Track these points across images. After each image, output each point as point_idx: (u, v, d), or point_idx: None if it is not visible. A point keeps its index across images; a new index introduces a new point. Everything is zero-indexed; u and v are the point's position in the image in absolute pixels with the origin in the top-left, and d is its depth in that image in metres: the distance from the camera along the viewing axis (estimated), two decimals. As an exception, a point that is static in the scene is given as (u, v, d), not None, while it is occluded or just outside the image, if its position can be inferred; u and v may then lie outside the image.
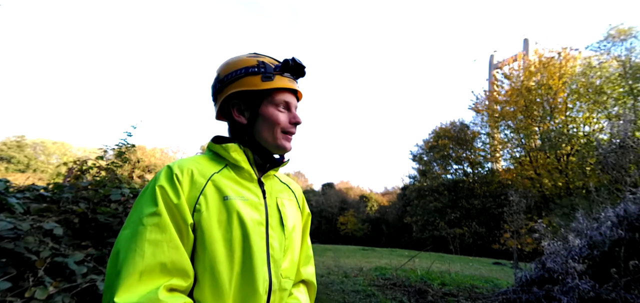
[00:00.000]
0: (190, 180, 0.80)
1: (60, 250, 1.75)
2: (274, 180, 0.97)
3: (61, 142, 30.26)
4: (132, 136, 3.05)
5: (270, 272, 0.83)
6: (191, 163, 0.84)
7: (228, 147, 0.87)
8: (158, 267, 0.71)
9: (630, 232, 3.48)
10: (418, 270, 7.35)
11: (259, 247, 0.82)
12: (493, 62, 32.21)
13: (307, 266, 1.03)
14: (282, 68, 0.89)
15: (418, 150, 28.03)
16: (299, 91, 0.94)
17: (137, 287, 0.68)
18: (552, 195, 16.82)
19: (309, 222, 1.08)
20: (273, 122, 0.88)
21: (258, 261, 0.81)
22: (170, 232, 0.74)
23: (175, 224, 0.76)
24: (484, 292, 5.29)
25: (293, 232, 0.93)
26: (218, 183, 0.83)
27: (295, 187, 1.06)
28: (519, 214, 6.03)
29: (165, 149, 33.94)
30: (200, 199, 0.79)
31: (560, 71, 17.85)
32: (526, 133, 19.89)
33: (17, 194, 2.00)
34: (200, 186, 0.80)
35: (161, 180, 0.79)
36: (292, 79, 0.91)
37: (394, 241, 25.63)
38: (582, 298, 3.38)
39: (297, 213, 0.99)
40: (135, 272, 0.69)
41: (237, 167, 0.88)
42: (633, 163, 4.57)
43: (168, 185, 0.78)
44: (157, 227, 0.73)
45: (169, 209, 0.76)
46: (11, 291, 1.52)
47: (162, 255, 0.72)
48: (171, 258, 0.72)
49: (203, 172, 0.83)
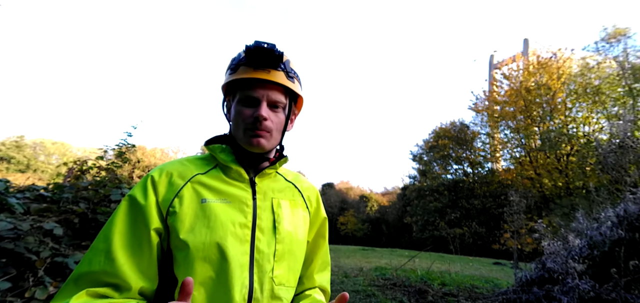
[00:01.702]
0: (167, 182, 0.79)
1: (60, 250, 1.75)
2: (275, 180, 0.90)
3: (61, 142, 30.26)
4: (132, 136, 3.05)
5: (252, 278, 0.77)
6: (174, 165, 0.83)
7: (214, 147, 0.85)
8: (90, 276, 0.69)
9: (630, 232, 3.48)
10: (418, 270, 7.35)
11: (237, 251, 0.76)
12: (493, 62, 32.21)
13: (323, 273, 0.97)
14: (246, 57, 0.79)
15: (418, 150, 28.07)
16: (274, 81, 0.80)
17: (70, 291, 0.68)
18: (552, 195, 16.83)
19: (325, 226, 0.99)
20: (237, 119, 0.82)
21: (235, 266, 0.74)
22: (111, 243, 0.71)
23: (133, 231, 0.73)
24: (484, 292, 5.29)
25: (291, 235, 0.85)
26: (199, 185, 0.80)
27: (306, 186, 0.97)
28: (519, 214, 6.03)
29: (165, 149, 33.97)
30: (174, 201, 0.76)
31: (559, 71, 17.87)
32: (526, 133, 19.91)
33: (17, 194, 2.00)
34: (177, 188, 0.78)
35: (135, 188, 0.78)
36: (261, 69, 0.80)
37: (394, 241, 25.64)
38: (582, 298, 3.38)
39: (302, 215, 0.90)
40: (72, 278, 0.70)
41: (225, 167, 0.84)
42: (633, 163, 4.57)
43: (140, 189, 0.77)
44: (104, 236, 0.73)
45: (131, 214, 0.75)
46: (11, 291, 1.52)
47: (97, 265, 0.70)
48: (104, 269, 0.69)
49: (184, 173, 0.81)
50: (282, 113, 0.85)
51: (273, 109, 0.82)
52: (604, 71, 15.93)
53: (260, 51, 0.78)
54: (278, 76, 0.81)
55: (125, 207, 0.76)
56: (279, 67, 0.81)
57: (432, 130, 28.79)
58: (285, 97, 0.84)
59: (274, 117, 0.82)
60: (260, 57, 0.78)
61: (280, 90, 0.82)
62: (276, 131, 0.84)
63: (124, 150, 2.99)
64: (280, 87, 0.82)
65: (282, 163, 0.90)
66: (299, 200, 0.92)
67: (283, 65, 0.82)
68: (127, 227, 0.74)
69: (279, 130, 0.85)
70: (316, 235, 0.97)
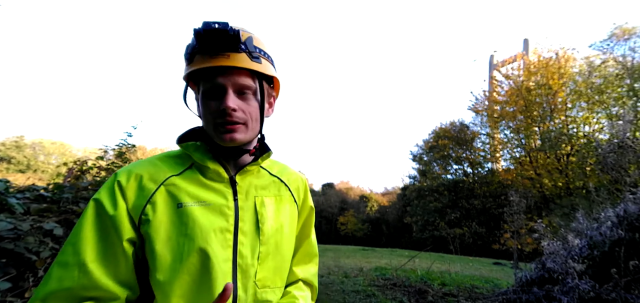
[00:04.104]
0: (137, 187, 0.71)
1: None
2: (258, 176, 0.83)
3: (60, 142, 30.26)
4: (132, 136, 3.06)
5: (236, 284, 0.72)
6: (143, 166, 0.74)
7: (187, 145, 0.77)
8: (63, 294, 0.64)
9: (630, 232, 3.48)
10: (418, 270, 7.35)
11: (220, 257, 0.70)
12: (493, 62, 32.18)
13: (306, 265, 0.91)
14: (198, 43, 0.68)
15: (418, 150, 28.07)
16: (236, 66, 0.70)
17: None
18: (552, 195, 16.83)
19: (311, 217, 0.94)
20: (205, 115, 0.74)
21: (217, 273, 0.69)
22: (83, 255, 0.65)
23: (104, 241, 0.67)
24: (484, 292, 5.29)
25: (277, 234, 0.80)
26: (174, 188, 0.72)
27: (293, 178, 0.91)
28: (519, 214, 6.03)
29: (165, 149, 33.95)
30: (146, 208, 0.69)
31: (560, 71, 17.87)
32: (526, 133, 19.91)
33: (17, 194, 2.00)
34: (148, 193, 0.70)
35: (100, 191, 0.71)
36: (219, 55, 0.69)
37: (394, 241, 25.64)
38: (582, 298, 3.38)
39: (288, 209, 0.85)
40: (37, 299, 0.63)
41: (202, 167, 0.76)
42: (633, 163, 4.57)
43: (106, 195, 0.70)
44: (72, 248, 0.66)
45: (100, 224, 0.68)
46: (11, 291, 1.52)
47: (70, 281, 0.64)
48: (81, 284, 0.64)
49: (155, 176, 0.73)
50: (254, 99, 0.75)
51: (241, 97, 0.73)
52: (607, 70, 15.92)
53: (212, 34, 0.66)
54: (240, 59, 0.70)
55: (93, 215, 0.68)
56: (239, 49, 0.70)
57: (432, 131, 28.81)
58: (253, 80, 0.74)
59: (245, 105, 0.73)
60: (213, 41, 0.67)
61: (245, 74, 0.72)
62: (251, 120, 0.75)
63: (124, 151, 3.00)
64: (246, 71, 0.72)
65: (265, 158, 0.82)
66: (285, 195, 0.86)
67: (244, 45, 0.70)
68: (97, 237, 0.67)
69: (255, 118, 0.76)
70: (301, 226, 0.91)
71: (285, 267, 0.83)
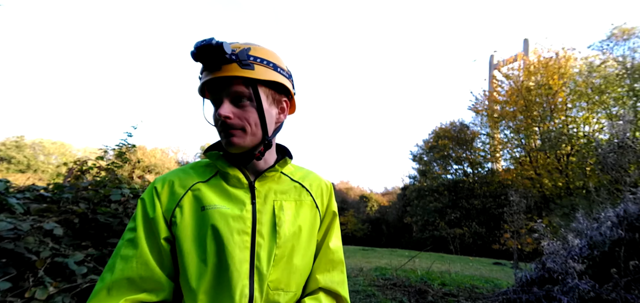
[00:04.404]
0: (169, 192, 0.79)
1: (61, 250, 1.75)
2: (279, 182, 0.87)
3: (60, 142, 30.25)
4: (132, 136, 3.05)
5: (253, 286, 0.75)
6: (175, 174, 0.83)
7: (210, 154, 0.84)
8: (125, 282, 0.72)
9: (630, 232, 3.48)
10: (418, 270, 7.35)
11: (238, 258, 0.75)
12: (493, 62, 32.20)
13: (328, 272, 0.88)
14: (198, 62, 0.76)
15: (418, 150, 28.07)
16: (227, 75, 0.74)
17: (104, 301, 0.70)
18: (552, 195, 16.82)
19: (334, 222, 0.93)
20: (215, 125, 0.80)
21: (235, 274, 0.74)
22: (142, 248, 0.74)
23: (151, 239, 0.76)
24: (484, 292, 5.29)
25: (295, 238, 0.82)
26: (199, 193, 0.79)
27: (315, 183, 0.93)
28: (519, 214, 6.03)
29: (165, 149, 33.99)
30: (175, 211, 0.77)
31: (560, 71, 17.87)
32: (526, 133, 19.90)
33: (17, 194, 2.00)
34: (177, 197, 0.78)
35: (144, 194, 0.81)
36: (215, 69, 0.74)
37: (394, 241, 25.64)
38: (582, 298, 3.38)
39: (309, 214, 0.87)
40: (104, 287, 0.71)
41: (224, 174, 0.82)
42: (633, 163, 4.58)
43: (148, 198, 0.79)
44: (131, 242, 0.75)
45: (146, 223, 0.77)
46: (11, 291, 1.52)
47: (130, 271, 0.72)
48: (139, 274, 0.73)
49: (184, 182, 0.81)
50: (250, 105, 0.77)
51: (237, 104, 0.77)
52: (606, 71, 15.92)
53: (200, 51, 0.72)
54: (231, 69, 0.74)
55: (141, 215, 0.78)
56: (228, 60, 0.73)
57: (432, 131, 28.83)
58: (246, 88, 0.76)
59: (240, 112, 0.77)
60: (205, 57, 0.73)
61: (238, 82, 0.75)
62: (250, 125, 0.77)
63: (124, 151, 2.99)
64: (238, 79, 0.75)
65: (283, 164, 0.86)
66: (306, 200, 0.88)
67: (234, 56, 0.74)
68: (147, 234, 0.76)
69: (255, 123, 0.78)
70: (324, 232, 0.92)
71: (301, 271, 0.83)
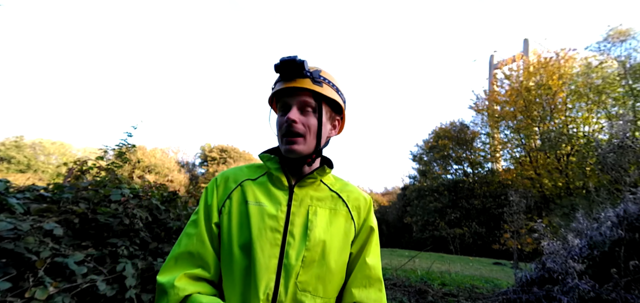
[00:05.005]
0: (224, 185, 0.91)
1: (61, 250, 1.75)
2: (317, 189, 0.92)
3: (60, 142, 30.21)
4: (132, 136, 3.05)
5: (278, 281, 0.80)
6: (232, 171, 0.95)
7: (262, 156, 0.95)
8: (187, 255, 0.84)
9: (630, 232, 3.48)
10: (418, 270, 7.35)
11: (265, 253, 0.81)
12: (493, 62, 32.20)
13: (364, 288, 0.87)
14: (277, 73, 0.88)
15: (418, 150, 28.09)
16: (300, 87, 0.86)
17: (172, 269, 0.83)
18: (552, 195, 16.83)
19: (371, 238, 0.93)
20: (277, 129, 0.91)
21: (261, 267, 0.80)
22: (201, 228, 0.86)
23: (207, 222, 0.87)
24: (484, 292, 5.29)
25: (325, 245, 0.84)
26: (246, 188, 0.90)
27: (353, 195, 0.96)
28: (519, 214, 6.04)
29: (165, 149, 33.96)
30: (226, 202, 0.88)
31: (559, 71, 17.87)
32: (526, 133, 19.91)
33: (18, 194, 2.00)
34: (229, 190, 0.90)
35: (208, 184, 0.94)
36: (289, 80, 0.87)
37: (394, 241, 25.64)
38: (582, 298, 3.38)
39: (343, 224, 0.90)
40: (173, 257, 0.85)
41: (271, 175, 0.92)
42: (633, 163, 4.58)
43: (209, 188, 0.92)
44: (194, 223, 0.88)
45: (206, 208, 0.89)
46: (11, 291, 1.52)
47: (192, 246, 0.85)
48: (197, 250, 0.84)
49: (238, 178, 0.92)
50: (313, 116, 0.88)
51: (303, 113, 0.88)
52: (605, 71, 15.94)
53: (284, 64, 0.85)
54: (304, 82, 0.86)
55: (203, 201, 0.90)
56: (304, 75, 0.86)
57: (432, 131, 28.87)
58: (313, 100, 0.88)
59: (304, 120, 0.87)
60: (285, 69, 0.86)
61: (307, 95, 0.87)
62: (309, 135, 0.87)
63: (124, 151, 2.99)
64: (308, 92, 0.87)
65: (322, 173, 0.93)
66: (341, 210, 0.92)
67: (309, 72, 0.87)
68: (205, 217, 0.88)
69: (313, 133, 0.88)
70: (360, 246, 0.92)
71: (330, 279, 0.85)
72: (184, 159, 35.98)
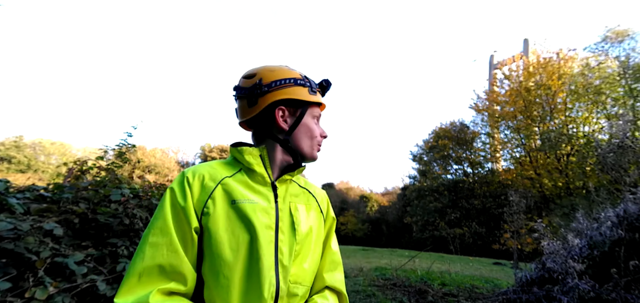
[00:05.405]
0: (200, 184, 0.83)
1: (60, 250, 1.75)
2: (291, 185, 0.95)
3: (60, 142, 30.21)
4: (132, 136, 3.04)
5: (278, 277, 0.82)
6: (204, 168, 0.88)
7: (242, 150, 0.90)
8: (156, 270, 0.74)
9: (630, 232, 3.48)
10: (418, 270, 7.34)
11: (266, 250, 0.81)
12: (493, 62, 32.19)
13: (332, 272, 0.98)
14: (320, 86, 0.98)
15: (418, 150, 28.07)
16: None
17: (135, 288, 0.72)
18: (552, 195, 16.83)
19: (333, 227, 1.05)
20: (311, 133, 0.94)
21: (265, 265, 0.80)
22: (171, 236, 0.77)
23: (180, 228, 0.79)
24: (484, 292, 5.29)
25: (308, 237, 0.91)
26: (228, 187, 0.85)
27: (317, 191, 1.04)
28: (519, 214, 6.04)
29: (165, 149, 33.98)
30: (208, 202, 0.81)
31: (559, 71, 17.88)
32: (526, 133, 19.91)
33: (18, 194, 2.00)
34: (209, 190, 0.83)
35: (174, 183, 0.84)
36: (323, 98, 0.99)
37: (394, 241, 25.63)
38: (582, 298, 3.38)
39: (316, 218, 0.97)
40: (135, 274, 0.73)
41: (250, 171, 0.89)
42: (633, 163, 4.58)
43: (178, 188, 0.82)
44: (160, 230, 0.78)
45: (175, 212, 0.80)
46: (11, 291, 1.52)
47: (161, 258, 0.75)
48: (170, 262, 0.75)
49: (214, 176, 0.86)
50: None
51: None
52: (604, 71, 15.95)
53: (328, 86, 0.99)
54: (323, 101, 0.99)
55: (170, 203, 0.80)
56: None
57: (432, 131, 28.82)
58: None
59: None
60: (325, 90, 0.99)
61: None
62: None
63: (124, 151, 2.98)
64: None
65: (300, 171, 0.96)
66: (313, 204, 0.99)
67: None
68: (176, 223, 0.79)
69: None
70: (326, 235, 1.02)
71: (312, 268, 0.93)
72: (184, 159, 36.00)
